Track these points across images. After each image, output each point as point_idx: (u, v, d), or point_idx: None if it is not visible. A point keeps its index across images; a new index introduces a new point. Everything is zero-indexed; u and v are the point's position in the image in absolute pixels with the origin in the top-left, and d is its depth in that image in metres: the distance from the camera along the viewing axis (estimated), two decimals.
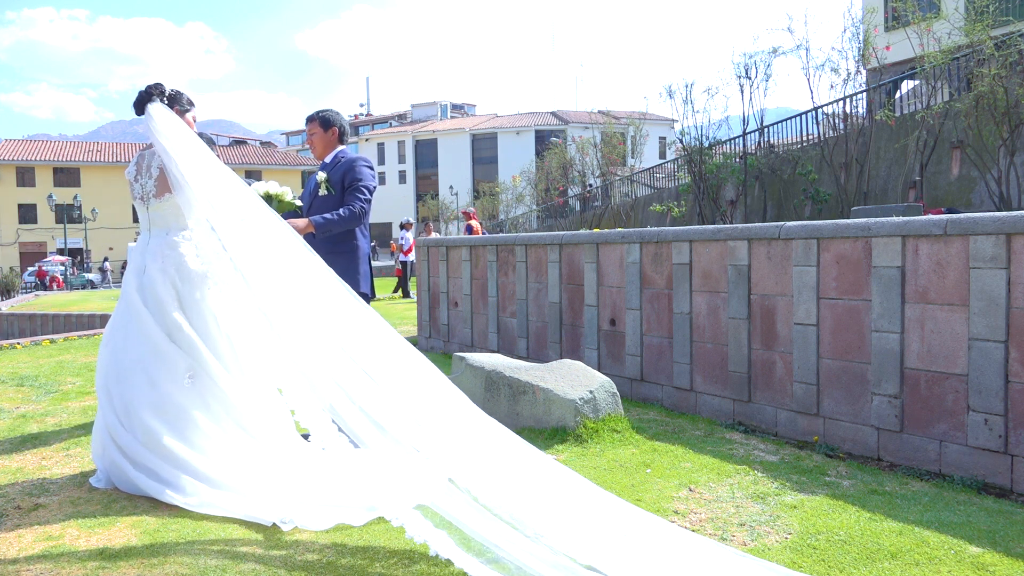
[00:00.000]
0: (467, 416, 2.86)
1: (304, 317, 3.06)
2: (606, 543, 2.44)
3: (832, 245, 4.31)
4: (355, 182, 4.19)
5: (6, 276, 28.40)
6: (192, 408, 3.30)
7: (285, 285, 3.13)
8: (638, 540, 2.48)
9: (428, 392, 2.89)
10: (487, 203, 42.60)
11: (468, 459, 2.74)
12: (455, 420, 2.84)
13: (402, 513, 2.63)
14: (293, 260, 3.17)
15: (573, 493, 2.65)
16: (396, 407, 2.83)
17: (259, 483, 3.22)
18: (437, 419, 2.83)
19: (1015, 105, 10.97)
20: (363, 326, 3.02)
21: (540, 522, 2.51)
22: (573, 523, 2.52)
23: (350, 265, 4.21)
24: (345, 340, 2.99)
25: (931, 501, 3.35)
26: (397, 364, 2.94)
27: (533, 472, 2.71)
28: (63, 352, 8.13)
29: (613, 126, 31.18)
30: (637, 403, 5.54)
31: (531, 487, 2.66)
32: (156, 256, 3.46)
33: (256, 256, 3.21)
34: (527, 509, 2.56)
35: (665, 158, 41.06)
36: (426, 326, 8.92)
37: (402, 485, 2.80)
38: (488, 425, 2.84)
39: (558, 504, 2.60)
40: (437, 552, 2.51)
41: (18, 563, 2.66)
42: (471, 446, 2.78)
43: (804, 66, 15.28)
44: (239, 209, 3.30)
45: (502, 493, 2.62)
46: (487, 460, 2.74)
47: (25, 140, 54.21)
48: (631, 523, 2.57)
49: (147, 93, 3.53)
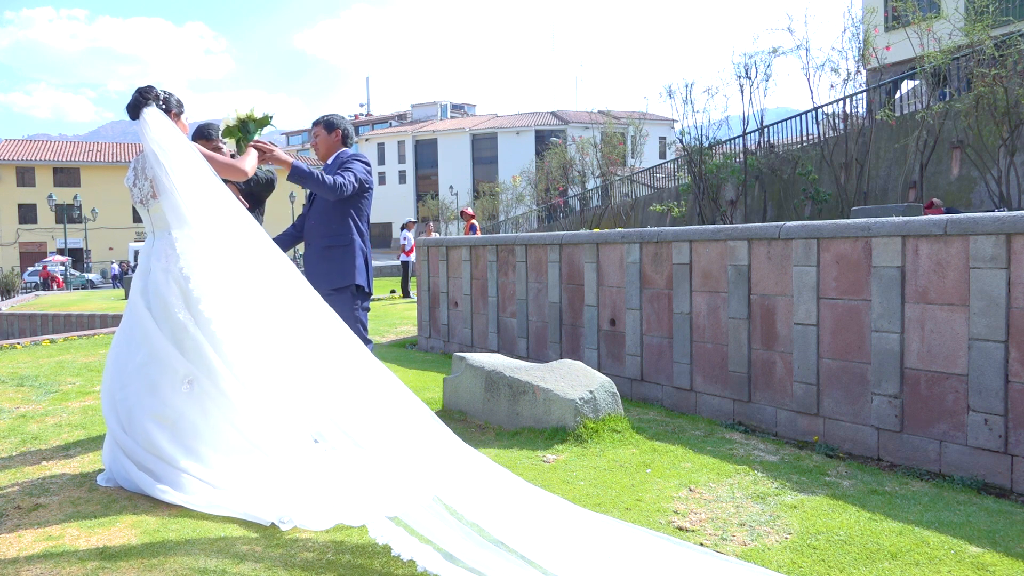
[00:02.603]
0: (432, 435, 2.95)
1: (278, 331, 3.12)
2: (589, 558, 2.47)
3: (832, 245, 4.31)
4: (345, 170, 4.24)
5: (6, 276, 28.39)
6: (191, 414, 3.32)
7: (263, 300, 3.18)
8: (623, 553, 2.50)
9: (395, 411, 2.99)
10: (487, 203, 42.58)
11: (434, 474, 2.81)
12: (421, 439, 2.94)
13: (387, 530, 2.66)
14: (276, 278, 3.21)
15: (552, 515, 2.71)
16: (366, 422, 2.93)
17: (258, 484, 3.23)
18: (404, 434, 2.93)
19: (1015, 105, 10.98)
20: (333, 345, 3.11)
21: (522, 545, 2.54)
22: (556, 544, 2.55)
23: (344, 258, 4.23)
24: (315, 354, 3.07)
25: (931, 501, 3.34)
26: (367, 385, 3.04)
27: (507, 494, 2.78)
28: (63, 352, 8.13)
29: (613, 126, 31.18)
30: (637, 403, 5.54)
31: (503, 505, 2.72)
32: (160, 256, 3.46)
33: (236, 271, 3.26)
34: (504, 525, 2.61)
35: (665, 158, 41.07)
36: (426, 326, 8.92)
37: (384, 497, 2.83)
38: (455, 445, 2.94)
39: (537, 526, 2.64)
40: (425, 568, 2.52)
41: (18, 563, 2.66)
42: (434, 460, 2.87)
43: (804, 66, 15.30)
44: (224, 222, 3.32)
45: (476, 508, 2.67)
46: (454, 476, 2.81)
47: (25, 140, 54.17)
48: (617, 541, 2.59)
49: (142, 98, 3.50)
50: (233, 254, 3.27)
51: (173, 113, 3.58)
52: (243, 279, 3.23)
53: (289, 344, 3.10)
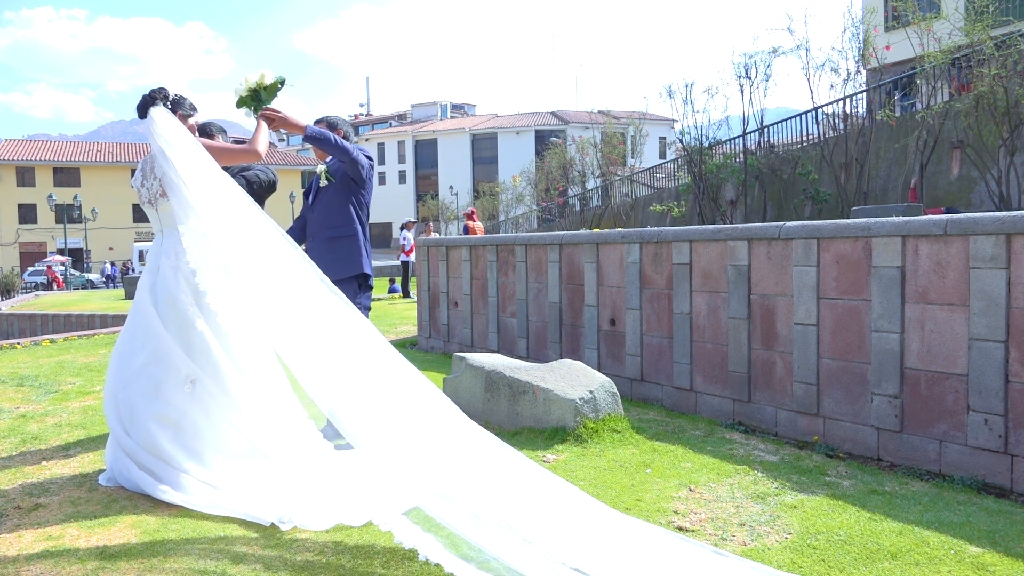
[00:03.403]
0: (454, 422, 2.94)
1: (294, 326, 3.09)
2: (594, 547, 2.46)
3: (832, 245, 4.31)
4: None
5: (6, 276, 28.38)
6: (194, 414, 3.32)
7: (276, 298, 3.16)
8: (626, 544, 2.49)
9: (417, 399, 2.97)
10: (487, 203, 42.60)
11: (458, 464, 2.77)
12: (442, 425, 2.91)
13: (390, 518, 2.65)
14: (287, 275, 3.19)
15: (562, 499, 2.69)
16: (386, 412, 2.89)
17: (259, 485, 3.23)
18: (425, 423, 2.91)
19: (1015, 105, 10.98)
20: (353, 334, 3.09)
21: (530, 527, 2.53)
22: (562, 528, 2.54)
23: (350, 248, 4.30)
24: (335, 347, 3.04)
25: (931, 501, 3.34)
26: (387, 372, 3.01)
27: (522, 478, 2.75)
28: (63, 352, 8.13)
29: (613, 126, 31.20)
30: (637, 403, 5.54)
31: (521, 493, 2.68)
32: (170, 254, 3.46)
33: (247, 269, 3.23)
34: (517, 514, 2.58)
35: (665, 158, 41.08)
36: (426, 326, 8.92)
37: (393, 489, 2.81)
38: (475, 431, 2.91)
39: (547, 510, 2.62)
40: (427, 557, 2.52)
41: (18, 563, 2.66)
42: (460, 451, 2.83)
43: (804, 66, 15.30)
44: (233, 220, 3.31)
45: (492, 498, 2.64)
46: (476, 466, 2.78)
47: (25, 140, 54.16)
48: (620, 528, 2.59)
49: (151, 97, 3.55)
50: (242, 247, 3.26)
51: (181, 114, 3.61)
52: (251, 271, 3.21)
53: (298, 333, 3.08)
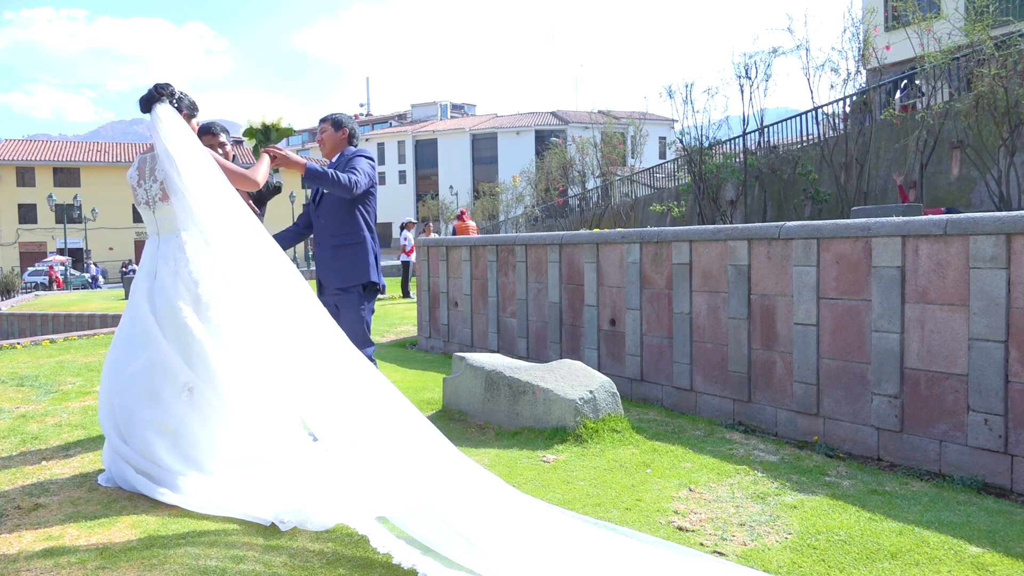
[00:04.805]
0: (422, 436, 2.95)
1: (283, 337, 3.12)
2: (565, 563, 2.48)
3: (832, 245, 4.31)
4: (352, 169, 4.27)
5: (6, 276, 28.36)
6: (192, 422, 3.30)
7: (270, 307, 3.16)
8: (615, 564, 2.50)
9: (391, 417, 2.99)
10: (487, 203, 42.57)
11: (428, 479, 2.81)
12: (416, 441, 2.93)
13: (365, 524, 2.69)
14: (280, 284, 3.20)
15: (538, 520, 2.72)
16: (360, 424, 2.93)
17: (257, 486, 3.23)
18: (400, 436, 2.94)
19: (1015, 105, 10.97)
20: (329, 346, 3.10)
21: (498, 544, 2.55)
22: (532, 546, 2.57)
23: (358, 256, 4.27)
24: (315, 358, 3.06)
25: (931, 501, 3.34)
26: (358, 382, 3.03)
27: (490, 497, 2.79)
28: (63, 352, 8.13)
29: (613, 126, 31.17)
30: (637, 403, 5.54)
31: (490, 511, 2.73)
32: (168, 259, 3.41)
33: (245, 277, 3.23)
34: (487, 531, 2.61)
35: (665, 158, 41.06)
36: (426, 326, 8.92)
37: (369, 496, 2.84)
38: (440, 444, 2.94)
39: (518, 526, 2.66)
40: (400, 562, 2.54)
41: (18, 563, 2.66)
42: (429, 467, 2.87)
43: (804, 66, 15.28)
44: (235, 231, 3.29)
45: (459, 515, 2.67)
46: (445, 482, 2.82)
47: (25, 140, 54.14)
48: (607, 549, 2.61)
49: (156, 93, 3.46)
50: (243, 259, 3.24)
51: (184, 114, 3.56)
52: (251, 285, 3.20)
53: (292, 350, 3.09)
